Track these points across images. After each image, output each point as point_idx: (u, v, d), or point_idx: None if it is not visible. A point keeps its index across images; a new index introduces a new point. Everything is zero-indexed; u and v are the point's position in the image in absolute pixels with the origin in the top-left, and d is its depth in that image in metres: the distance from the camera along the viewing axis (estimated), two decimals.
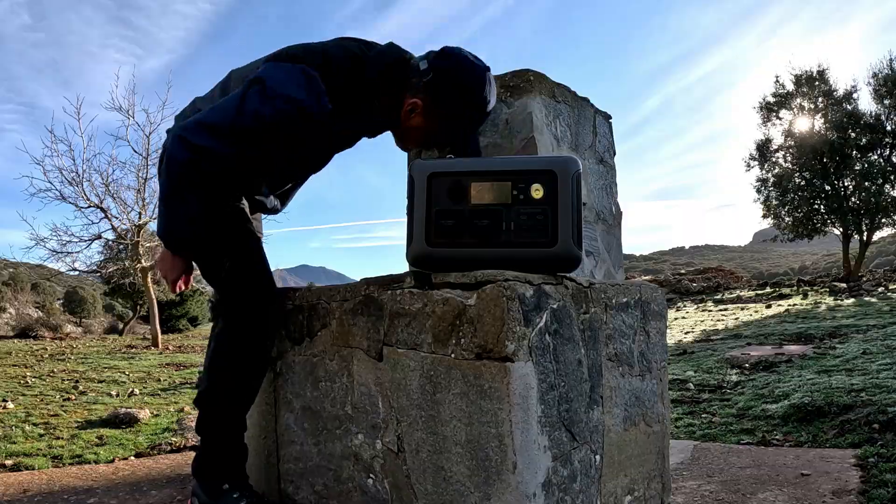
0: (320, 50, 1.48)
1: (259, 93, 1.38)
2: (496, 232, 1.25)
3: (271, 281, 1.59)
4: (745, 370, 4.50)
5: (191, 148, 1.37)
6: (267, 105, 1.37)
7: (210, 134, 1.38)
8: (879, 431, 2.53)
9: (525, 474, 1.13)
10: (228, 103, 1.41)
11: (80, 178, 10.39)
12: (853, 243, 16.27)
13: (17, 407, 3.91)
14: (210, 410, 1.55)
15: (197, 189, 1.43)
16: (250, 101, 1.38)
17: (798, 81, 16.55)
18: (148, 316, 12.39)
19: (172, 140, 1.42)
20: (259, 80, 1.40)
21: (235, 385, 1.53)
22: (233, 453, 1.56)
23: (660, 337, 1.65)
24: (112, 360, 7.32)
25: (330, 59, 1.46)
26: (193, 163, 1.38)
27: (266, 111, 1.37)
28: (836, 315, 7.75)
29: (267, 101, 1.37)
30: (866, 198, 15.10)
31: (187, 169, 1.39)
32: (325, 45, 1.51)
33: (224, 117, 1.39)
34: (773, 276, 28.98)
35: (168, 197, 1.44)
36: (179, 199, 1.43)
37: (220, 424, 1.55)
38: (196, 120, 1.41)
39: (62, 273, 22.54)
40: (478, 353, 1.16)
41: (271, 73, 1.41)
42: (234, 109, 1.38)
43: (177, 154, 1.39)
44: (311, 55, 1.45)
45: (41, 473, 2.26)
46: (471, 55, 1.48)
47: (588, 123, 1.91)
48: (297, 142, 1.47)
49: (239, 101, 1.39)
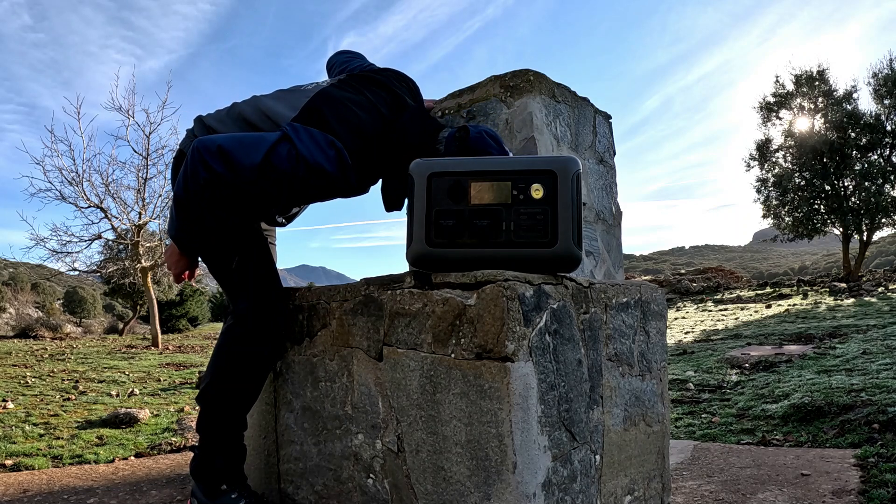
0: (349, 114, 1.48)
1: (289, 153, 1.38)
2: (496, 232, 1.25)
3: (277, 280, 1.59)
4: (745, 370, 4.50)
5: (208, 170, 1.37)
6: (295, 167, 1.38)
7: (228, 167, 1.37)
8: (879, 431, 2.53)
9: (525, 474, 1.13)
10: (256, 147, 1.39)
11: (80, 178, 10.42)
12: (853, 243, 16.26)
13: (17, 407, 3.92)
14: (210, 408, 1.55)
15: (211, 206, 1.43)
16: (279, 158, 1.38)
17: (798, 81, 16.54)
18: (148, 316, 12.39)
19: (192, 153, 1.41)
20: (289, 138, 1.40)
21: (236, 384, 1.53)
22: (231, 453, 1.56)
23: (660, 337, 1.65)
24: (112, 360, 7.32)
25: (360, 130, 1.47)
26: (209, 184, 1.38)
27: (293, 171, 1.38)
28: (836, 315, 7.75)
29: (295, 164, 1.38)
30: (866, 198, 15.09)
31: (202, 188, 1.40)
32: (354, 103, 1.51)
33: (249, 160, 1.37)
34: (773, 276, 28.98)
35: (182, 205, 1.44)
36: (192, 211, 1.44)
37: (220, 423, 1.55)
38: (220, 146, 1.39)
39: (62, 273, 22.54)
40: (478, 353, 1.16)
41: (302, 136, 1.41)
42: (261, 158, 1.37)
43: (194, 169, 1.39)
44: (341, 121, 1.46)
45: (41, 473, 2.26)
46: (494, 141, 1.48)
47: (588, 123, 1.91)
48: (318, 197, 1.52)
49: (267, 152, 1.38)
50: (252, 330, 1.52)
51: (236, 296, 1.55)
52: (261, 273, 1.56)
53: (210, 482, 1.53)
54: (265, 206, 1.49)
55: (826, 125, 15.82)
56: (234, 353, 1.53)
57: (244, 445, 1.60)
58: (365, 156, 1.49)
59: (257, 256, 1.57)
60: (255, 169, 1.37)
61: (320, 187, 1.44)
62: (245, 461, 1.61)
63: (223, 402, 1.54)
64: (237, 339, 1.53)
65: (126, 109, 10.73)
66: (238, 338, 1.52)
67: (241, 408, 1.56)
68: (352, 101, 1.52)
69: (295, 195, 1.45)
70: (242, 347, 1.52)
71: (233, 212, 1.46)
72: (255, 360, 1.54)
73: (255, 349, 1.53)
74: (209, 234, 1.50)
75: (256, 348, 1.54)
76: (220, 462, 1.55)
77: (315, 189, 1.44)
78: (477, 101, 1.75)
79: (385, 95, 1.58)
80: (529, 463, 1.14)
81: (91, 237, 10.94)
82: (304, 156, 1.38)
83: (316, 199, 1.55)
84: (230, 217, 1.48)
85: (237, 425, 1.56)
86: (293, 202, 1.50)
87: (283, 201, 1.46)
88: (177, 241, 1.52)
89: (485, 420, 1.15)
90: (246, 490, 1.56)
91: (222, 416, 1.55)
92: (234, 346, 1.53)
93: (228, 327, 1.55)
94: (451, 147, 1.49)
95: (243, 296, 1.54)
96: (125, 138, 10.68)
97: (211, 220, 1.45)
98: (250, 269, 1.55)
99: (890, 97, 15.26)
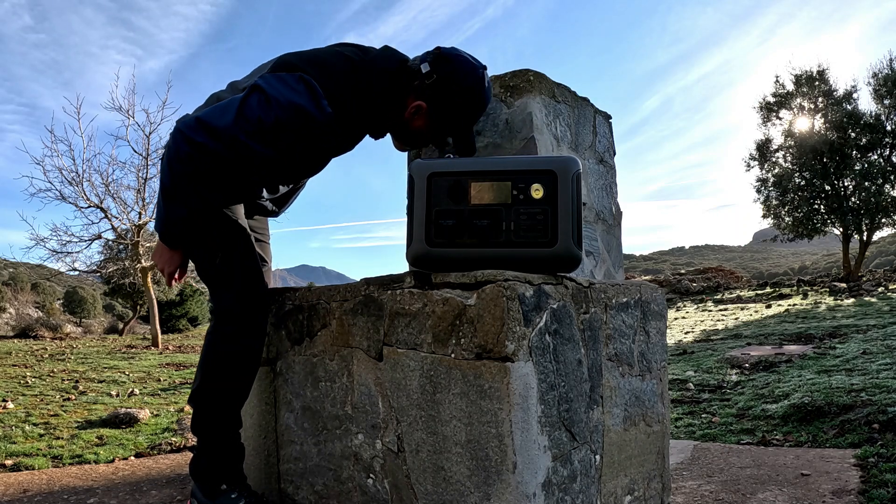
0: (314, 57, 1.49)
1: (259, 100, 1.39)
2: (496, 232, 1.25)
3: (260, 279, 1.58)
4: (745, 370, 4.50)
5: (189, 143, 1.39)
6: (268, 112, 1.37)
7: (209, 134, 1.38)
8: (879, 431, 2.53)
9: (525, 474, 1.13)
10: (229, 107, 1.41)
11: (80, 178, 10.42)
12: (853, 243, 16.26)
13: (17, 407, 3.92)
14: (202, 408, 1.56)
15: (195, 184, 1.44)
16: (250, 108, 1.38)
17: (798, 81, 16.53)
18: (148, 316, 12.39)
19: (173, 134, 1.44)
20: (258, 87, 1.40)
21: (229, 383, 1.54)
22: (229, 453, 1.56)
23: (660, 337, 1.65)
24: (112, 360, 7.32)
25: (326, 66, 1.47)
26: (192, 158, 1.39)
27: (268, 118, 1.37)
28: (836, 315, 7.75)
29: (268, 108, 1.38)
30: (866, 198, 15.08)
31: (185, 164, 1.41)
32: (318, 52, 1.53)
33: (224, 121, 1.38)
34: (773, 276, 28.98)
35: (167, 189, 1.45)
36: (177, 193, 1.44)
37: (214, 423, 1.55)
38: (197, 117, 1.41)
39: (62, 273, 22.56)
40: (478, 353, 1.16)
41: (270, 81, 1.42)
42: (235, 113, 1.38)
43: (176, 148, 1.41)
44: (307, 63, 1.47)
45: (41, 473, 2.26)
46: (469, 56, 1.50)
47: (588, 123, 1.90)
48: (299, 148, 1.47)
49: (239, 106, 1.39)
50: (242, 326, 1.53)
51: (221, 292, 1.55)
52: (246, 267, 1.55)
53: (209, 482, 1.54)
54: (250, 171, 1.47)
55: (826, 125, 15.82)
56: (225, 352, 1.53)
57: (242, 444, 1.60)
58: (338, 93, 1.46)
59: (243, 251, 1.56)
60: (230, 126, 1.37)
61: (298, 129, 1.40)
62: (244, 460, 1.61)
63: (217, 402, 1.54)
64: (228, 337, 1.53)
65: (126, 109, 10.73)
66: (229, 336, 1.52)
67: (236, 406, 1.56)
68: (319, 51, 1.54)
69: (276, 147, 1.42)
70: (233, 345, 1.52)
71: (219, 187, 1.46)
72: (246, 356, 1.54)
73: (245, 345, 1.54)
74: (195, 219, 1.49)
75: (247, 344, 1.54)
76: (218, 462, 1.55)
77: (293, 133, 1.40)
78: None
79: (351, 47, 1.59)
80: (529, 463, 1.14)
81: (91, 237, 10.95)
82: (275, 96, 1.38)
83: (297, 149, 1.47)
84: (216, 194, 1.47)
85: (233, 423, 1.57)
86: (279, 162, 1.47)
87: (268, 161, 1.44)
88: (164, 233, 1.52)
89: (485, 420, 1.15)
90: (246, 489, 1.57)
91: (217, 416, 1.55)
92: (224, 345, 1.53)
93: (216, 326, 1.55)
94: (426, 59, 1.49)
95: (229, 292, 1.54)
96: (125, 138, 10.69)
97: (196, 200, 1.44)
98: (236, 265, 1.54)
99: (890, 97, 15.26)
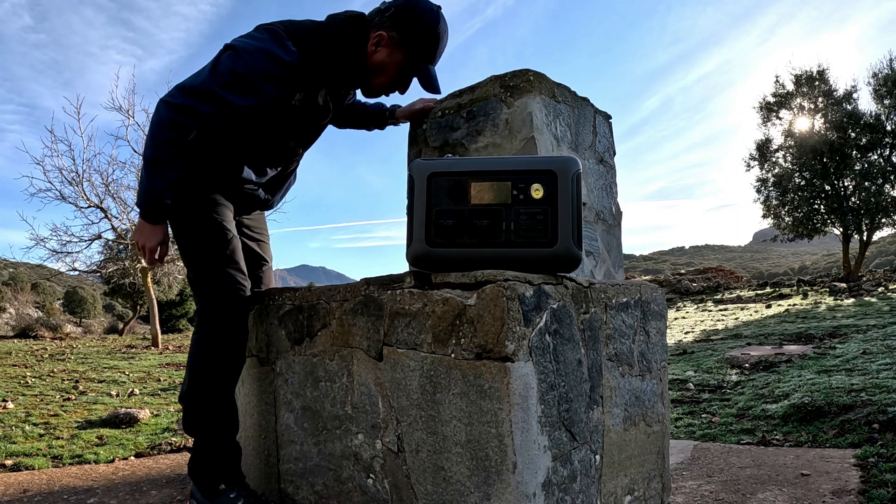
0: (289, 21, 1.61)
1: (230, 55, 1.49)
2: (496, 232, 1.25)
3: (246, 281, 1.61)
4: (745, 370, 4.50)
5: (172, 108, 1.45)
6: (237, 62, 1.47)
7: (189, 95, 1.46)
8: (879, 431, 2.53)
9: (525, 474, 1.13)
10: (204, 69, 1.52)
11: (80, 178, 10.41)
12: (853, 243, 16.25)
13: (17, 407, 3.91)
14: (195, 408, 1.58)
15: (179, 151, 1.49)
16: (222, 63, 1.49)
17: (798, 81, 16.52)
18: (148, 316, 12.39)
19: (157, 108, 1.49)
20: (227, 45, 1.52)
21: (217, 383, 1.57)
22: (225, 453, 1.57)
23: (660, 337, 1.65)
24: (112, 360, 7.32)
25: (292, 21, 1.59)
26: (174, 122, 1.45)
27: (238, 67, 1.47)
28: (836, 315, 7.75)
29: (237, 59, 1.48)
30: (866, 198, 15.07)
31: (168, 130, 1.46)
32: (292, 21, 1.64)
33: (201, 80, 1.48)
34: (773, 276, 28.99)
35: (150, 160, 1.49)
36: (159, 161, 1.48)
37: (211, 422, 1.57)
38: (176, 85, 1.50)
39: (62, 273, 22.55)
40: (478, 353, 1.16)
41: (238, 39, 1.54)
42: (209, 71, 1.49)
43: (158, 116, 1.46)
44: (270, 23, 1.58)
45: (41, 473, 2.26)
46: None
47: (588, 123, 1.90)
48: (273, 93, 1.53)
49: (212, 64, 1.50)
50: (233, 327, 1.56)
51: (211, 293, 1.57)
52: (235, 269, 1.59)
53: (208, 482, 1.54)
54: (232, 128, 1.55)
55: (826, 125, 15.81)
56: (219, 352, 1.55)
57: (237, 443, 1.61)
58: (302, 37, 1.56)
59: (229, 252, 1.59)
60: (206, 82, 1.47)
61: (268, 71, 1.49)
62: (241, 459, 1.61)
63: (210, 401, 1.56)
64: (221, 338, 1.55)
65: (126, 109, 10.72)
66: (222, 337, 1.55)
67: (226, 404, 1.59)
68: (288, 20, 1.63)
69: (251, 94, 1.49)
70: (226, 346, 1.56)
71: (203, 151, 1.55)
72: (237, 356, 1.59)
73: (237, 346, 1.58)
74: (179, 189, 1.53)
75: (239, 345, 1.59)
76: (215, 461, 1.56)
77: (264, 77, 1.49)
78: (477, 100, 1.75)
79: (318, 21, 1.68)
80: (529, 463, 1.14)
81: (91, 237, 10.94)
82: (243, 48, 1.49)
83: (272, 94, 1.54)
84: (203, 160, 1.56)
85: (226, 422, 1.58)
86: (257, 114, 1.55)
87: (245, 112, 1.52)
88: (144, 206, 1.54)
89: (485, 420, 1.15)
90: (245, 489, 1.57)
91: (210, 415, 1.56)
92: (218, 346, 1.55)
93: (208, 327, 1.56)
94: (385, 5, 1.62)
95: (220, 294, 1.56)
96: (125, 138, 10.68)
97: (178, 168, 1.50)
98: (223, 267, 1.57)
99: (890, 97, 15.25)
